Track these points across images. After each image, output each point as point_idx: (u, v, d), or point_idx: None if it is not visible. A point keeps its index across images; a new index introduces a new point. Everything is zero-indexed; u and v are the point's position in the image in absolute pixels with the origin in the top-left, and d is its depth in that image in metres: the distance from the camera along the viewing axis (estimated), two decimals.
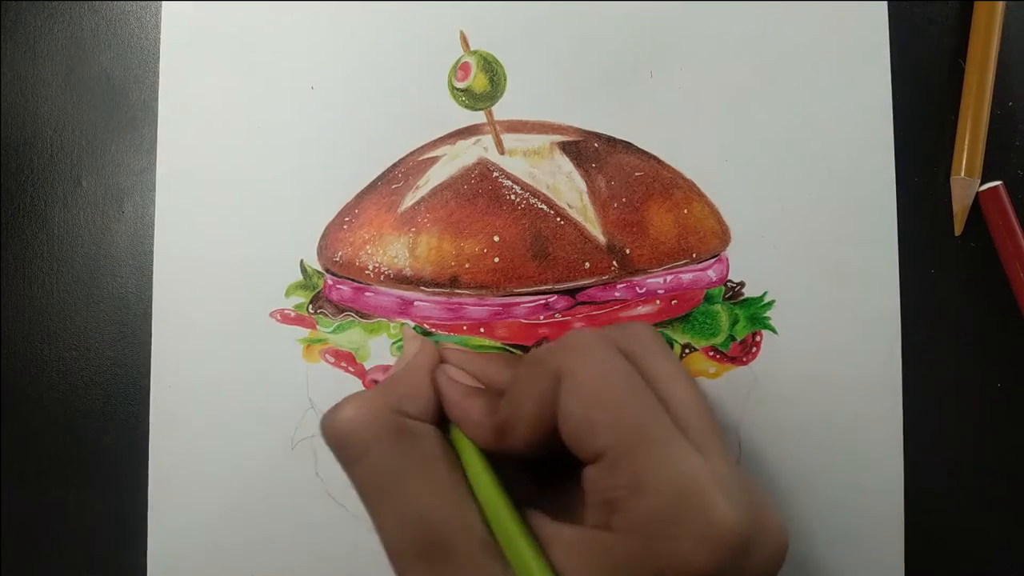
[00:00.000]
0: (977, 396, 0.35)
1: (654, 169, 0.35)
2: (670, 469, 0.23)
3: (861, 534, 0.34)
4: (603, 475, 0.24)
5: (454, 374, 0.29)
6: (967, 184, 0.35)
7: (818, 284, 0.35)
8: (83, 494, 0.35)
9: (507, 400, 0.27)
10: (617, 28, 0.35)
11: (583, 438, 0.24)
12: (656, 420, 0.24)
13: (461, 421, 0.28)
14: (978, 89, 0.35)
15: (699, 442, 0.24)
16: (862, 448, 0.34)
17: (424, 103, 0.35)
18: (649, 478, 0.23)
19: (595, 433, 0.24)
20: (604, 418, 0.24)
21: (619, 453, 0.24)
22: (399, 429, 0.27)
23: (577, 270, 0.34)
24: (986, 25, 0.35)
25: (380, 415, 0.27)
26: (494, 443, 0.27)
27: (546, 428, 0.25)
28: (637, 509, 0.23)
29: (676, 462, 0.23)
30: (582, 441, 0.24)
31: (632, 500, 0.23)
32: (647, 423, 0.24)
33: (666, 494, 0.23)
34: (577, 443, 0.24)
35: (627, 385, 0.25)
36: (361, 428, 0.26)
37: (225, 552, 0.34)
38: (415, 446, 0.27)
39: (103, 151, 0.36)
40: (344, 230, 0.35)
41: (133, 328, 0.35)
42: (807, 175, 0.35)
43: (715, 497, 0.23)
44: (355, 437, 0.26)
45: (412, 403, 0.28)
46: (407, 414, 0.27)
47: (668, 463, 0.23)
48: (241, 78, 0.35)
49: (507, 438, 0.26)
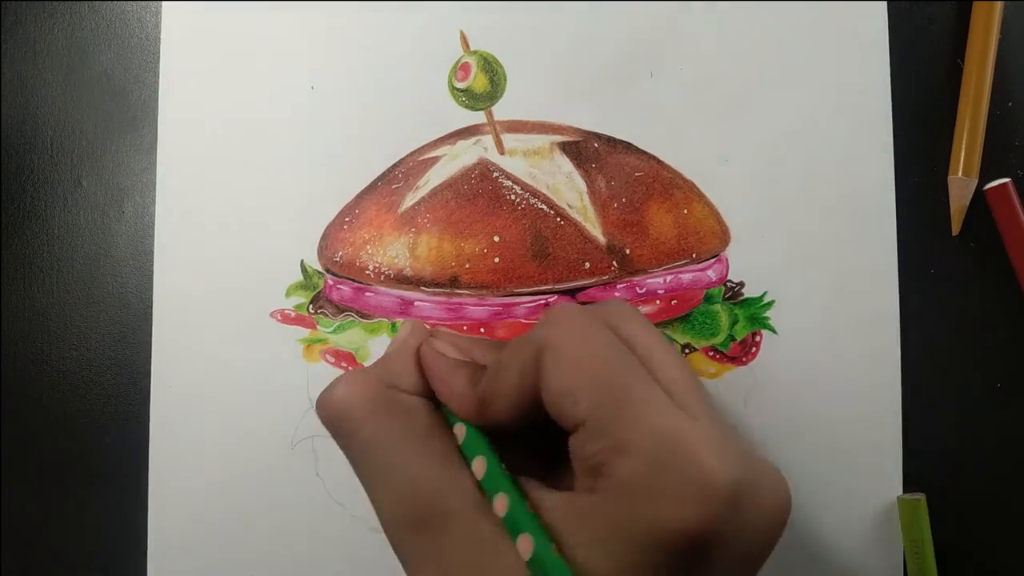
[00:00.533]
0: (977, 396, 0.35)
1: (654, 169, 0.35)
2: (652, 428, 0.23)
3: (861, 534, 0.34)
4: (586, 441, 0.24)
5: (440, 347, 0.29)
6: (964, 184, 0.35)
7: (818, 284, 0.35)
8: (83, 494, 0.35)
9: (490, 372, 0.27)
10: (617, 28, 0.35)
11: (565, 407, 0.24)
12: (638, 382, 0.24)
13: (445, 393, 0.28)
14: (976, 89, 0.35)
15: (685, 403, 0.24)
16: (861, 448, 0.34)
17: (424, 103, 0.35)
18: (631, 439, 0.23)
19: (576, 400, 0.24)
20: (585, 385, 0.24)
21: (600, 417, 0.23)
22: (392, 403, 0.27)
23: (577, 270, 0.34)
24: (984, 25, 0.35)
25: (373, 391, 0.27)
26: (477, 415, 0.27)
27: (528, 400, 0.25)
28: (620, 470, 0.23)
29: (658, 421, 0.23)
30: (564, 410, 0.24)
31: (615, 462, 0.23)
32: (628, 386, 0.24)
33: (648, 452, 0.23)
34: (559, 413, 0.24)
35: (607, 351, 0.25)
36: (355, 404, 0.27)
37: (225, 552, 0.34)
38: (408, 419, 0.27)
39: (103, 151, 0.36)
40: (344, 230, 0.35)
41: (133, 328, 0.35)
42: (807, 175, 0.35)
43: (699, 451, 0.22)
44: (350, 413, 0.27)
45: (403, 378, 0.28)
46: (399, 388, 0.28)
47: (650, 423, 0.23)
48: (241, 78, 0.35)
49: (489, 410, 0.26)
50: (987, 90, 0.35)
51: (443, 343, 0.30)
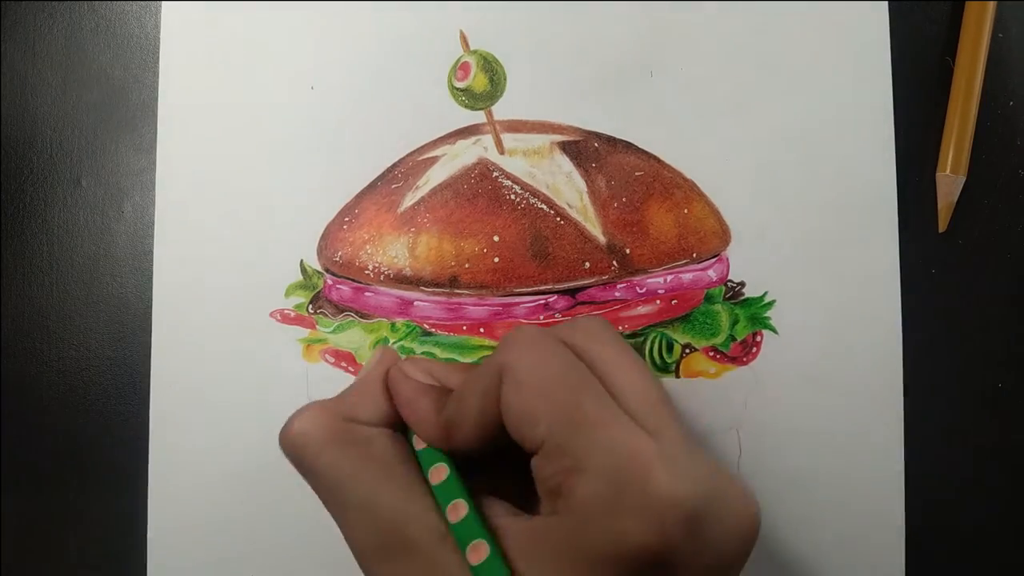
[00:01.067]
0: (977, 396, 0.35)
1: (654, 169, 0.35)
2: (608, 448, 0.23)
3: (861, 534, 0.34)
4: (546, 463, 0.24)
5: (409, 371, 0.29)
6: (952, 181, 0.35)
7: (818, 284, 0.35)
8: (83, 494, 0.35)
9: (452, 398, 0.27)
10: (617, 28, 0.35)
11: (524, 429, 0.24)
12: (594, 402, 0.24)
13: (410, 418, 0.28)
14: (966, 88, 0.35)
15: (646, 420, 0.24)
16: (862, 448, 0.34)
17: (424, 103, 0.35)
18: (587, 459, 0.23)
19: (535, 423, 0.24)
20: (543, 406, 0.24)
21: (559, 439, 0.24)
22: (348, 436, 0.27)
23: (577, 270, 0.34)
24: (976, 25, 0.35)
25: (328, 425, 0.27)
26: (442, 441, 0.27)
27: (491, 424, 0.25)
28: (578, 490, 0.23)
29: (615, 441, 0.23)
30: (524, 432, 0.24)
31: (573, 482, 0.23)
32: (584, 406, 0.24)
33: (604, 472, 0.23)
34: (520, 435, 0.25)
35: (565, 373, 0.25)
36: (311, 439, 0.27)
37: (225, 552, 0.34)
38: (366, 450, 0.27)
39: (103, 151, 0.36)
40: (344, 230, 0.35)
41: (133, 328, 0.35)
42: (807, 175, 0.35)
43: (656, 471, 0.22)
44: (306, 448, 0.27)
45: (362, 408, 0.28)
46: (357, 420, 0.28)
47: (606, 442, 0.23)
48: (241, 78, 0.35)
49: (454, 435, 0.27)
50: (977, 88, 0.35)
51: (413, 367, 0.30)
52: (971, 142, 0.35)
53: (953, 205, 0.35)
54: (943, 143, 0.35)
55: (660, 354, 0.35)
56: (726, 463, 0.34)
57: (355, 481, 0.26)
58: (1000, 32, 0.36)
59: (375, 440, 0.27)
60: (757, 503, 0.24)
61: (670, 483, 0.22)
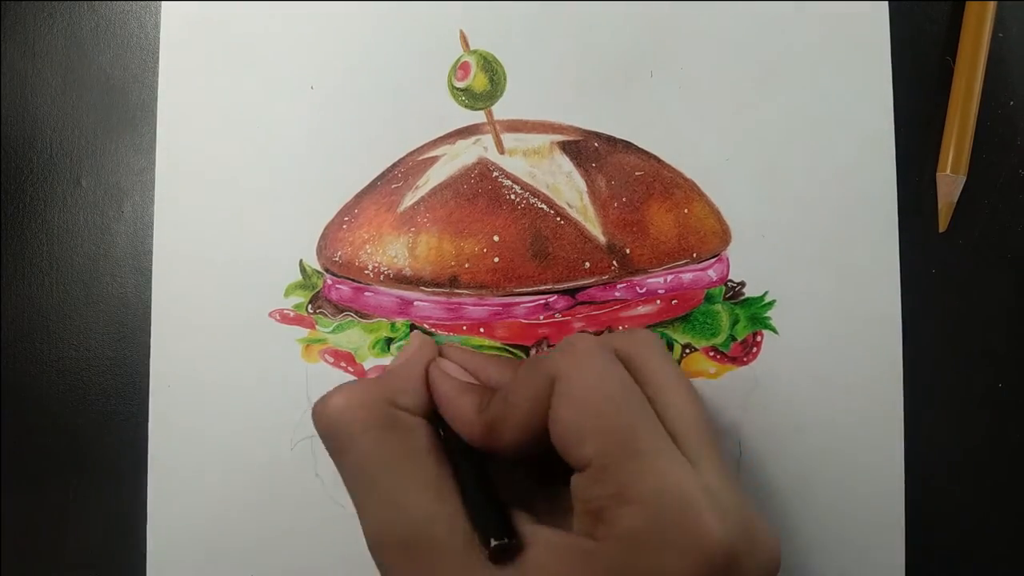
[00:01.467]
0: (978, 396, 0.35)
1: (654, 169, 0.35)
2: (657, 481, 0.23)
3: (861, 534, 0.34)
4: (590, 484, 0.24)
5: (449, 368, 0.29)
6: (953, 181, 0.35)
7: (819, 284, 0.35)
8: (83, 494, 0.35)
9: (499, 398, 0.26)
10: (617, 28, 0.35)
11: (571, 445, 0.24)
12: (646, 430, 0.24)
13: (451, 417, 0.28)
14: (966, 88, 0.35)
15: (692, 453, 0.24)
16: (862, 448, 0.34)
17: (424, 103, 0.35)
18: (635, 489, 0.23)
19: (583, 441, 0.24)
20: (593, 426, 0.24)
21: (606, 463, 0.23)
22: (390, 420, 0.27)
23: (577, 270, 0.34)
24: (976, 24, 0.35)
25: (372, 405, 0.27)
26: (482, 441, 0.27)
27: (536, 431, 0.25)
28: (621, 520, 0.23)
29: (663, 474, 0.23)
30: (570, 448, 0.24)
31: (617, 511, 0.23)
32: (636, 433, 0.24)
33: (651, 506, 0.22)
34: (565, 449, 0.24)
35: (620, 393, 0.24)
36: (351, 417, 0.26)
37: (225, 552, 0.34)
38: (405, 439, 0.26)
39: (103, 151, 0.36)
40: (344, 230, 0.35)
41: (133, 328, 0.35)
42: (807, 175, 0.35)
43: (702, 510, 0.22)
44: (344, 425, 0.26)
45: (405, 396, 0.28)
46: (399, 406, 0.27)
47: (655, 474, 0.23)
48: (241, 78, 0.35)
49: (496, 437, 0.26)
50: (977, 88, 0.35)
51: (453, 364, 0.29)
52: (971, 142, 0.35)
53: (953, 205, 0.35)
54: (943, 143, 0.35)
55: None
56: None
57: (389, 471, 0.25)
58: (1000, 32, 0.36)
59: (417, 430, 0.27)
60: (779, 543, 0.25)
61: (715, 523, 0.22)
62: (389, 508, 0.25)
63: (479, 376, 0.29)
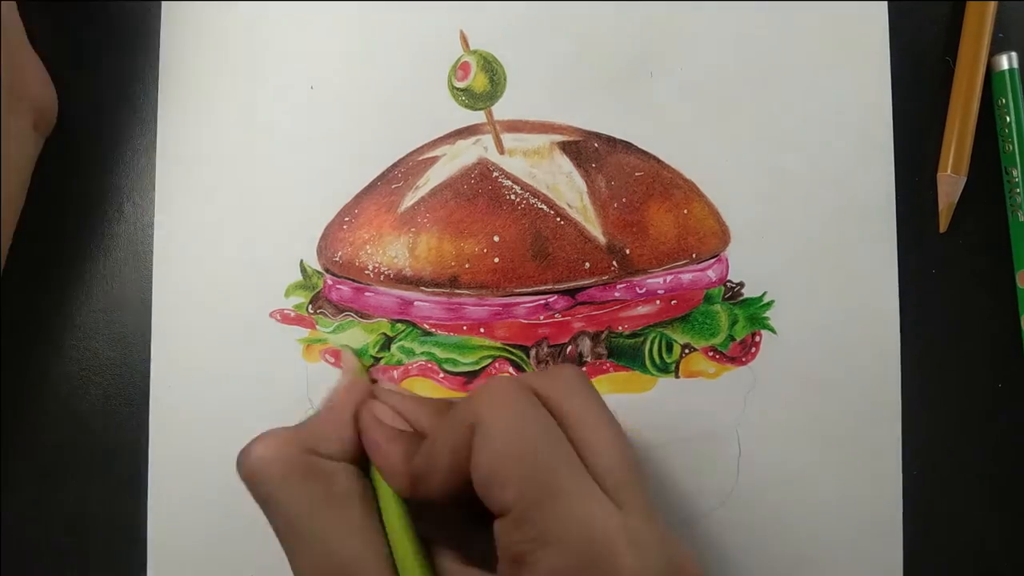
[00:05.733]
0: (977, 396, 0.35)
1: (654, 169, 0.35)
2: (578, 523, 0.23)
3: (860, 534, 0.34)
4: (511, 529, 0.24)
5: (381, 413, 0.29)
6: (953, 181, 0.35)
7: (818, 284, 0.35)
8: (83, 493, 0.35)
9: (423, 449, 0.26)
10: (617, 28, 0.35)
11: (493, 491, 0.24)
12: (567, 472, 0.24)
13: (379, 465, 0.28)
14: (967, 88, 0.35)
15: (616, 494, 0.24)
16: (861, 448, 0.34)
17: (424, 103, 0.35)
18: (556, 532, 0.23)
19: (504, 487, 0.24)
20: (513, 472, 0.24)
21: (526, 507, 0.23)
22: (309, 469, 0.27)
23: (577, 270, 0.34)
24: (977, 25, 0.35)
25: (288, 456, 0.27)
26: (409, 491, 0.27)
27: (460, 479, 0.25)
28: (541, 562, 0.23)
29: (584, 515, 0.23)
30: (492, 493, 0.24)
31: (539, 553, 0.23)
32: (557, 476, 0.24)
33: (572, 548, 0.22)
34: (487, 496, 0.24)
35: (539, 438, 0.24)
36: (269, 468, 0.27)
37: (225, 552, 0.34)
38: (326, 485, 0.27)
39: (103, 151, 0.36)
40: (344, 230, 0.35)
41: (133, 328, 0.35)
42: (807, 175, 0.35)
43: (622, 552, 0.22)
44: (263, 476, 0.27)
45: (327, 443, 0.28)
46: (320, 454, 0.27)
47: (576, 517, 0.23)
48: (241, 78, 0.35)
49: (422, 487, 0.26)
50: (978, 89, 0.35)
51: (384, 408, 0.29)
52: (972, 142, 0.35)
53: (954, 205, 0.35)
54: (944, 143, 0.35)
55: (660, 354, 0.35)
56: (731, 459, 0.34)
57: (311, 518, 0.26)
58: (1000, 32, 0.36)
59: (337, 476, 0.27)
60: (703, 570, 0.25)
61: (634, 561, 0.22)
62: (314, 555, 0.25)
63: (412, 422, 0.29)
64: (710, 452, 0.34)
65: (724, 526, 0.34)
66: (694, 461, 0.34)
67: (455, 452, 0.25)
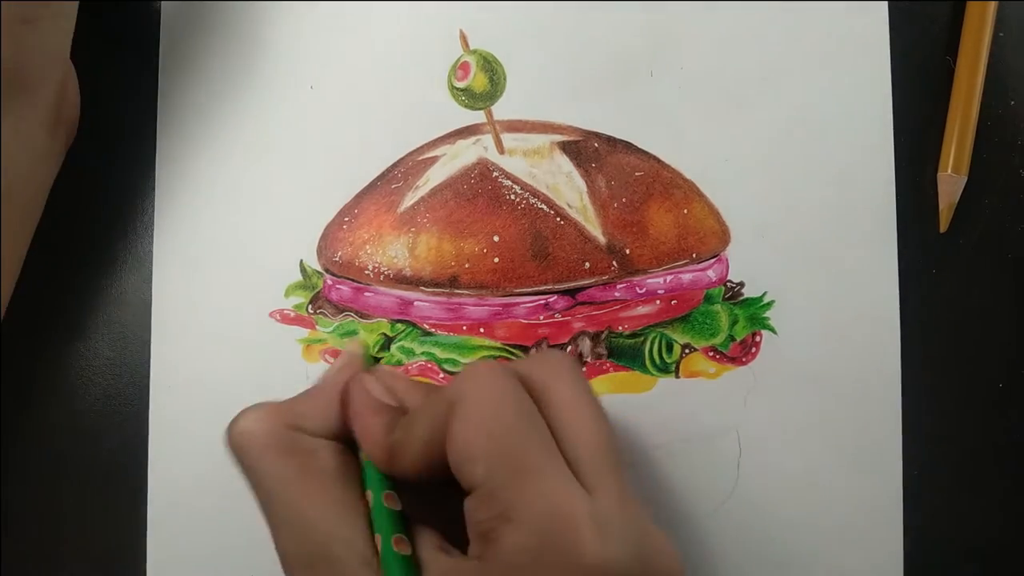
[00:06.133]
0: (977, 396, 0.35)
1: (654, 169, 0.35)
2: (541, 500, 0.23)
3: (860, 534, 0.34)
4: (478, 506, 0.24)
5: (370, 385, 0.29)
6: (954, 181, 0.35)
7: (818, 284, 0.35)
8: (83, 494, 0.35)
9: (403, 422, 0.27)
10: (617, 28, 0.35)
11: (464, 466, 0.24)
12: (538, 453, 0.24)
13: (359, 435, 0.28)
14: (968, 87, 0.35)
15: (590, 477, 0.24)
16: (861, 448, 0.34)
17: (424, 103, 0.35)
18: (519, 509, 0.23)
19: (474, 462, 0.24)
20: (484, 447, 0.24)
21: (495, 484, 0.23)
22: (290, 443, 0.27)
23: (577, 270, 0.34)
24: (978, 24, 0.35)
25: (272, 430, 0.27)
26: (386, 463, 0.27)
27: (437, 456, 0.25)
28: (506, 540, 0.23)
29: (550, 496, 0.23)
30: (463, 469, 0.24)
31: (502, 530, 0.23)
32: (527, 455, 0.24)
33: (534, 527, 0.22)
34: (459, 471, 0.24)
35: (514, 417, 0.24)
36: (252, 441, 0.27)
37: (225, 552, 0.34)
38: (306, 461, 0.27)
39: (103, 151, 0.36)
40: (344, 230, 0.35)
41: (133, 328, 0.35)
42: (807, 175, 0.35)
43: (585, 533, 0.22)
44: (247, 449, 0.27)
45: (311, 420, 0.28)
46: (304, 429, 0.28)
47: (540, 494, 0.23)
48: (241, 78, 0.35)
49: (398, 461, 0.26)
50: (979, 88, 0.35)
51: (375, 382, 0.29)
52: (972, 142, 0.35)
53: (954, 206, 0.35)
54: (944, 143, 0.35)
55: (660, 354, 0.35)
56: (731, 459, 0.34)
57: (289, 492, 0.26)
58: (1001, 32, 0.36)
59: (319, 452, 0.27)
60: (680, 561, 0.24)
61: (598, 547, 0.22)
62: (293, 530, 0.26)
63: (401, 400, 0.29)
64: (710, 452, 0.34)
65: (724, 526, 0.34)
66: (694, 461, 0.34)
67: (433, 427, 0.25)
